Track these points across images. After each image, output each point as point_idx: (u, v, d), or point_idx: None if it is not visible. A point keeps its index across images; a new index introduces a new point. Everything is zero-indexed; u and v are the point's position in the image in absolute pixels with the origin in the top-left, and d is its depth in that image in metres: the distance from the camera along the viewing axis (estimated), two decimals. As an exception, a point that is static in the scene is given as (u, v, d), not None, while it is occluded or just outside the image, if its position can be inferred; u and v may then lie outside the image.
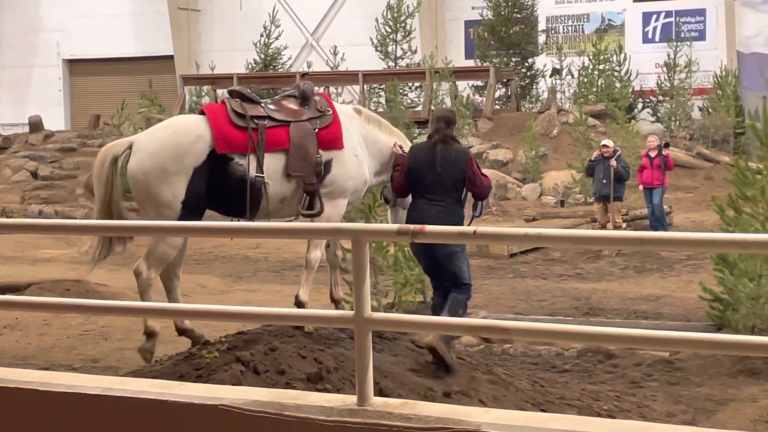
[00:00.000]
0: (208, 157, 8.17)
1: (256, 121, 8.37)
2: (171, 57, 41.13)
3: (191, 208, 8.16)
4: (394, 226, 3.97)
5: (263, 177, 8.30)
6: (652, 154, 20.43)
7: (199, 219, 8.23)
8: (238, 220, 8.42)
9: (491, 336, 10.89)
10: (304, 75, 9.36)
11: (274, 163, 8.40)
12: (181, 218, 8.06)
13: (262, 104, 8.65)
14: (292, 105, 8.72)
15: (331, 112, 8.83)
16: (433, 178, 8.86)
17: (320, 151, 8.60)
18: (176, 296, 8.55)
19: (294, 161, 8.48)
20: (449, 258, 8.88)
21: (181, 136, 8.29)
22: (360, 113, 9.26)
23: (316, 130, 8.63)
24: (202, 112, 8.68)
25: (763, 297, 11.07)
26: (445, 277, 9.05)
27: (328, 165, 8.66)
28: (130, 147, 8.35)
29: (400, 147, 9.25)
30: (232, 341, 7.90)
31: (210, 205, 8.39)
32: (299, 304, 8.57)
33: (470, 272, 9.16)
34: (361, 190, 9.18)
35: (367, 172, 9.07)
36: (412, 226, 3.93)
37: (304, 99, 8.75)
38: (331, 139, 8.72)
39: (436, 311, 9.05)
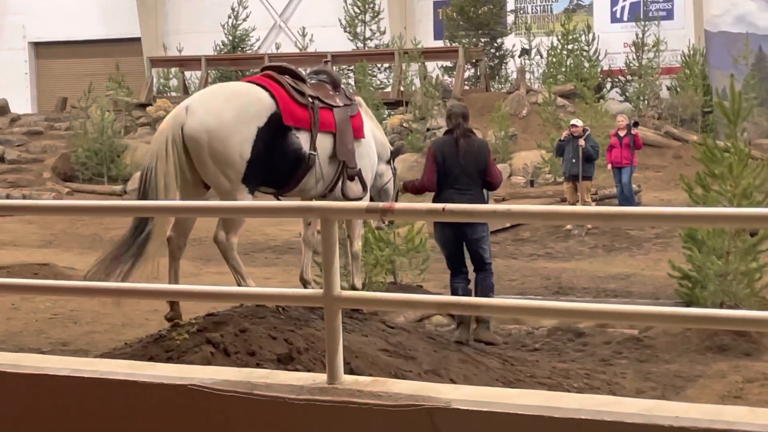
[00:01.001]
0: (269, 121, 8.00)
1: (311, 99, 8.36)
2: (138, 39, 40.80)
3: (254, 169, 7.93)
4: (363, 204, 3.96)
5: (316, 155, 8.31)
6: (621, 133, 20.55)
7: (258, 183, 8.12)
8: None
9: (462, 313, 10.92)
10: (327, 61, 9.34)
11: (322, 143, 8.39)
12: (245, 178, 7.90)
13: (308, 84, 8.59)
14: (329, 89, 8.71)
15: (356, 101, 8.98)
16: (460, 169, 9.70)
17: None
18: (178, 265, 8.41)
19: (340, 145, 8.55)
20: (477, 242, 9.81)
21: (242, 94, 8.13)
22: (360, 105, 9.27)
23: (350, 117, 8.72)
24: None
25: (731, 274, 11.16)
26: (472, 259, 9.94)
27: None
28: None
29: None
30: (202, 323, 7.86)
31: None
32: (354, 290, 8.82)
33: (491, 253, 10.10)
34: (372, 180, 9.26)
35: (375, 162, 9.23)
36: (381, 204, 3.92)
37: (335, 85, 8.82)
38: (357, 128, 8.82)
39: (457, 295, 9.76)
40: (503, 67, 36.08)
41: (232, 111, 7.89)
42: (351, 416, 3.67)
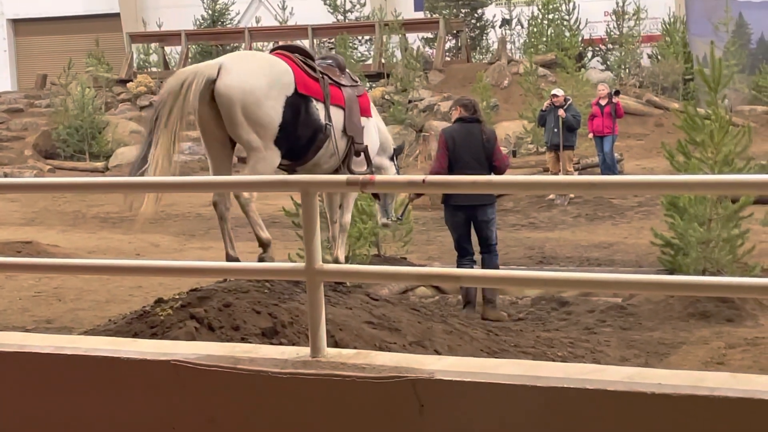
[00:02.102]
0: (294, 92, 8.23)
1: (321, 74, 8.63)
2: (117, 15, 40.54)
3: (286, 134, 8.13)
4: (343, 177, 3.95)
5: (331, 125, 8.56)
6: (603, 102, 20.56)
7: (282, 151, 8.23)
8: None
9: (443, 284, 11.01)
10: (332, 49, 9.90)
11: (334, 117, 8.66)
12: (277, 140, 8.08)
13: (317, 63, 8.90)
14: (336, 71, 8.98)
15: (360, 83, 9.36)
16: (470, 155, 10.41)
17: None
18: (229, 226, 8.59)
19: (348, 121, 8.82)
20: (487, 224, 10.60)
21: (274, 64, 8.34)
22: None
23: (357, 96, 9.03)
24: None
25: (713, 241, 11.20)
26: (479, 241, 10.70)
27: None
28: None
29: None
30: (185, 298, 7.84)
31: None
32: (336, 262, 9.01)
33: (497, 237, 10.91)
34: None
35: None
36: (361, 177, 3.92)
37: (341, 69, 9.10)
38: (364, 107, 9.13)
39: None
40: (484, 37, 36.03)
41: (267, 77, 8.12)
42: (335, 389, 3.68)
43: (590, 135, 21.10)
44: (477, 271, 7.33)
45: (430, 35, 34.55)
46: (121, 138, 29.44)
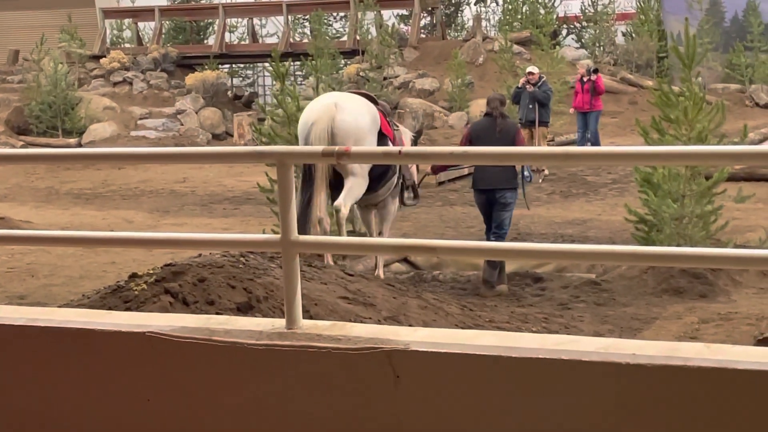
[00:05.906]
0: (381, 130, 9.95)
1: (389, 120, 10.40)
2: (90, -10, 40.26)
3: (374, 165, 9.64)
4: (319, 148, 3.94)
5: (398, 165, 10.17)
6: (584, 79, 20.83)
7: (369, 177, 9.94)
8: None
9: (418, 254, 11.11)
10: (378, 95, 11.49)
11: None
12: (371, 169, 9.81)
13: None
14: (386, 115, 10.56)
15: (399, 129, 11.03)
16: (493, 144, 10.88)
17: None
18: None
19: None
20: (503, 207, 11.45)
21: (370, 105, 10.07)
22: None
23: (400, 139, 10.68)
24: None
25: (687, 217, 11.26)
26: (493, 221, 11.53)
27: None
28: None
29: None
30: (160, 273, 7.81)
31: None
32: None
33: (510, 222, 11.83)
34: None
35: None
36: (336, 147, 3.90)
37: (388, 114, 10.67)
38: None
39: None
40: (459, 14, 36.03)
41: (369, 116, 9.87)
42: (310, 360, 3.67)
43: (571, 110, 21.39)
44: (454, 242, 7.37)
45: (405, 12, 34.49)
46: (94, 114, 29.27)
